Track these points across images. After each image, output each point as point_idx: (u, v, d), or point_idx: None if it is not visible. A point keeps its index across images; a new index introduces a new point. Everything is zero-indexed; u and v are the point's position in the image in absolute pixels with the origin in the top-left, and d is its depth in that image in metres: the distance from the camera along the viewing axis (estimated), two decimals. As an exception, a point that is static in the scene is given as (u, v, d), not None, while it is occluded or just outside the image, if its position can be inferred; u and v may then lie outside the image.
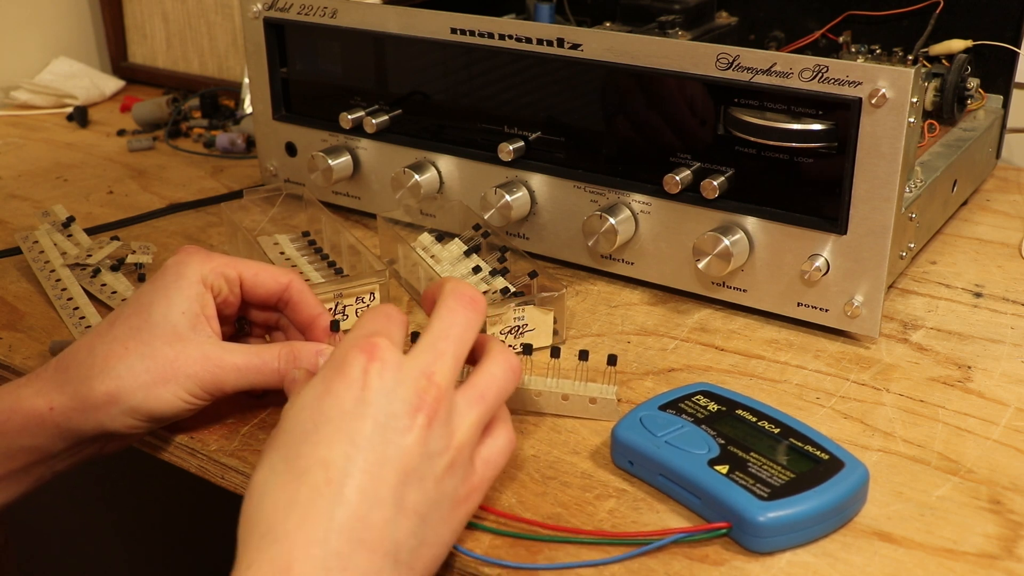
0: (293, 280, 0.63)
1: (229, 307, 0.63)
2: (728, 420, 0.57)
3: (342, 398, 0.47)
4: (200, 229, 0.91)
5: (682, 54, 0.70)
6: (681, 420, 0.57)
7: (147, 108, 1.19)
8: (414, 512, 0.46)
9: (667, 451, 0.55)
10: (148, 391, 0.56)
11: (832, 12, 0.97)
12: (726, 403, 0.59)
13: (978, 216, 0.90)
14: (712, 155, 0.72)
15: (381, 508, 0.45)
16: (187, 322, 0.58)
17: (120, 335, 0.58)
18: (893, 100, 0.63)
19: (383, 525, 0.45)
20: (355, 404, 0.47)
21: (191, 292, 0.59)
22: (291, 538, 0.44)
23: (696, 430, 0.56)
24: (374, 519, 0.45)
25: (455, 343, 0.50)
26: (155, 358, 0.57)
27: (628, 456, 0.57)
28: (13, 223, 0.93)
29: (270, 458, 0.47)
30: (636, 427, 0.57)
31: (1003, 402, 0.63)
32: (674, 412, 0.58)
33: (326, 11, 0.85)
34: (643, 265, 0.77)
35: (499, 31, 0.77)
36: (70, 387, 0.57)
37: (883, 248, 0.66)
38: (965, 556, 0.51)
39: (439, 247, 0.75)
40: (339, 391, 0.47)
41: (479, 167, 0.82)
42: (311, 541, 0.44)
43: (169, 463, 0.63)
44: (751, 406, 0.58)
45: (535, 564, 0.51)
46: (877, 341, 0.70)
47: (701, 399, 0.59)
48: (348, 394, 0.47)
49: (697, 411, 0.58)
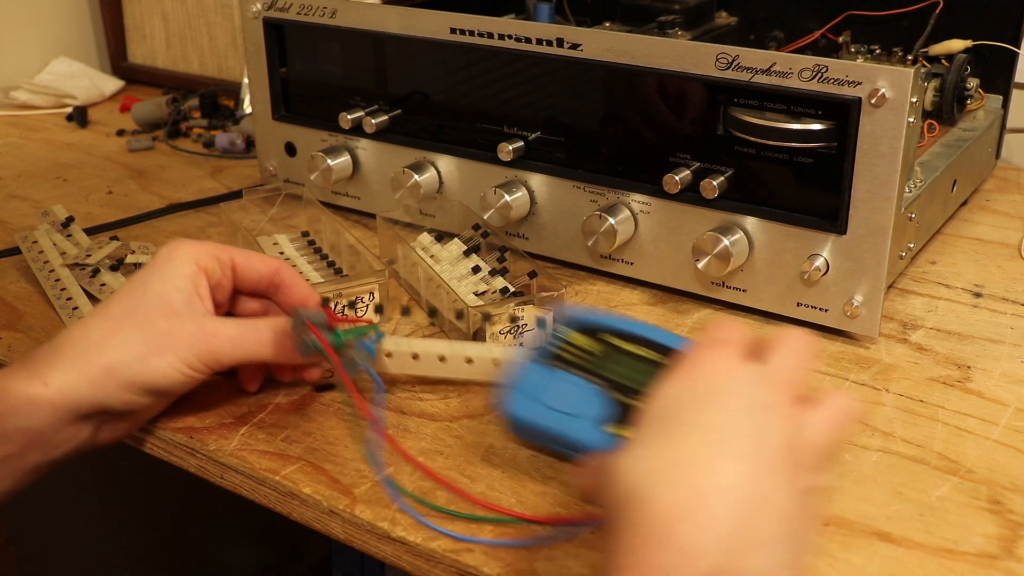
0: (283, 264, 0.65)
1: (222, 291, 0.63)
2: (607, 358, 0.55)
3: (708, 382, 0.45)
4: (200, 229, 0.91)
5: (682, 54, 0.70)
6: (560, 374, 0.54)
7: (147, 108, 1.19)
8: (796, 490, 0.42)
9: (556, 420, 0.53)
10: (145, 362, 0.57)
11: (832, 12, 0.97)
12: (597, 332, 0.56)
13: (978, 216, 0.90)
14: (712, 155, 0.72)
15: (771, 472, 0.42)
16: (182, 298, 0.60)
17: (115, 314, 0.59)
18: (893, 100, 0.63)
19: (776, 489, 0.41)
20: (722, 386, 0.44)
21: (185, 271, 0.61)
22: (680, 491, 0.40)
23: (579, 384, 0.54)
24: (768, 481, 0.41)
25: (801, 362, 0.48)
26: (151, 330, 0.58)
27: (521, 433, 0.55)
28: (13, 223, 0.93)
29: (640, 440, 0.44)
30: (520, 399, 0.54)
31: (1003, 402, 0.63)
32: (555, 365, 0.55)
33: (326, 11, 0.85)
34: (643, 265, 0.77)
35: (499, 31, 0.77)
36: (65, 363, 0.57)
37: (883, 248, 0.66)
38: (965, 556, 0.51)
39: (439, 247, 0.75)
40: (703, 377, 0.45)
41: (479, 167, 0.82)
42: (707, 490, 0.40)
43: (169, 463, 0.63)
44: (621, 328, 0.56)
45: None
46: (877, 341, 0.70)
47: (574, 337, 0.56)
48: (714, 380, 0.45)
49: (572, 354, 0.55)
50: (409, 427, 0.61)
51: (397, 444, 0.59)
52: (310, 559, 1.65)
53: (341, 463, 0.58)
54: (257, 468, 0.58)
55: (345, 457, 0.58)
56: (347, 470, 0.57)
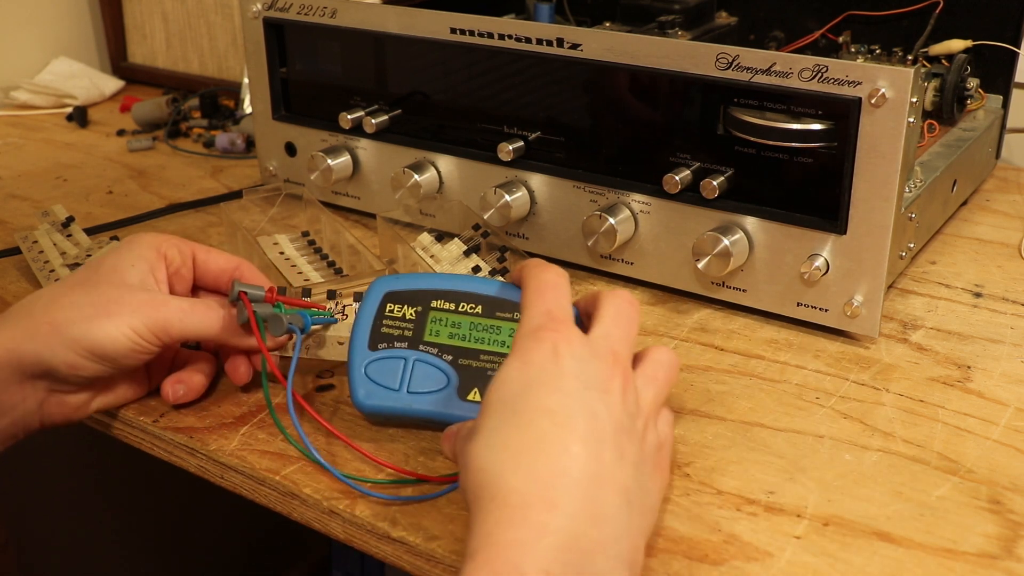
0: (243, 262, 0.65)
1: (181, 281, 0.64)
2: (438, 326, 0.56)
3: (542, 366, 0.48)
4: (200, 229, 0.91)
5: (682, 54, 0.70)
6: (400, 353, 0.56)
7: (147, 108, 1.19)
8: (631, 462, 0.47)
9: (417, 402, 0.55)
10: (91, 322, 0.57)
11: (832, 12, 0.97)
12: (417, 301, 0.57)
13: (978, 216, 0.90)
14: (712, 155, 0.72)
15: (606, 449, 0.46)
16: (136, 275, 0.60)
17: (67, 283, 0.60)
18: (893, 100, 0.63)
19: (613, 464, 0.46)
20: (556, 369, 0.48)
21: (143, 253, 0.61)
22: (529, 475, 0.44)
23: (422, 359, 0.56)
24: (605, 458, 0.45)
25: (627, 329, 0.52)
26: (101, 296, 0.58)
27: (383, 418, 0.57)
28: (13, 223, 0.93)
29: (486, 426, 0.47)
30: (372, 389, 0.56)
31: (1003, 402, 0.63)
32: (386, 345, 0.57)
33: (326, 11, 0.85)
34: (643, 265, 0.77)
35: (499, 31, 0.77)
36: (12, 321, 0.58)
37: (883, 248, 0.66)
38: (965, 556, 0.51)
39: (439, 247, 0.75)
40: (537, 361, 0.48)
41: (479, 167, 0.82)
42: (553, 473, 0.44)
43: (169, 463, 0.63)
44: (439, 288, 0.57)
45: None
46: (877, 341, 0.70)
47: (395, 309, 0.57)
48: (547, 363, 0.48)
49: (403, 328, 0.57)
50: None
51: (307, 405, 0.59)
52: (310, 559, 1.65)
53: (341, 463, 0.58)
54: (257, 468, 0.58)
55: (345, 457, 0.58)
56: (347, 470, 0.57)
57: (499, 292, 0.57)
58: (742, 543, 0.52)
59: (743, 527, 0.53)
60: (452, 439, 0.53)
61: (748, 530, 0.52)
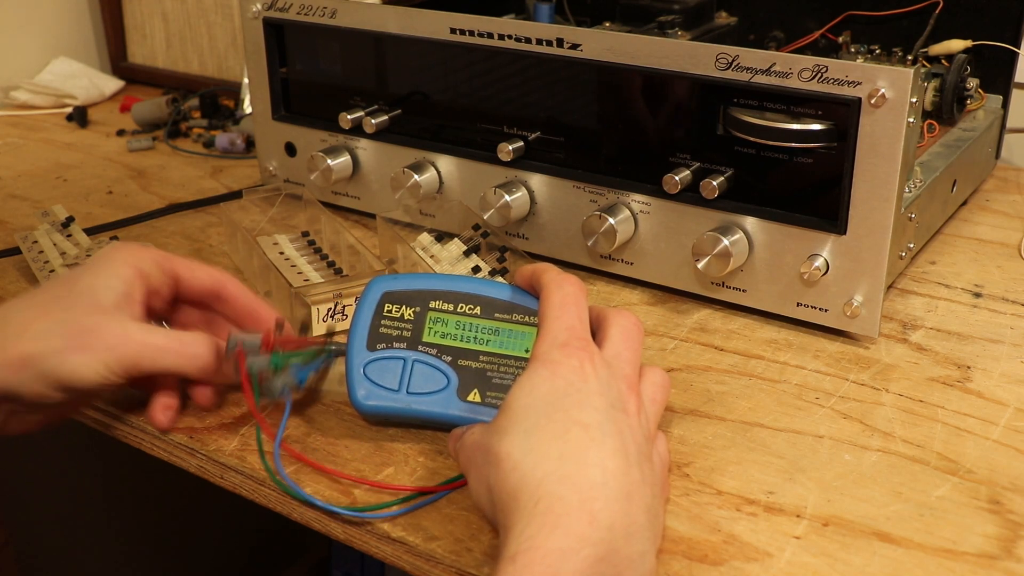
0: (229, 278, 0.63)
1: (159, 299, 0.62)
2: (436, 326, 0.56)
3: (570, 380, 0.49)
4: (199, 229, 0.91)
5: (682, 54, 0.70)
6: (398, 353, 0.55)
7: (147, 108, 1.19)
8: (649, 482, 0.48)
9: (416, 403, 0.55)
10: (62, 357, 0.55)
11: (832, 12, 0.97)
12: (415, 302, 0.57)
13: (978, 216, 0.90)
14: (711, 155, 0.72)
15: (633, 467, 0.47)
16: (112, 297, 0.58)
17: (39, 301, 0.58)
18: (892, 100, 0.63)
19: (639, 483, 0.47)
20: (585, 386, 0.49)
21: (120, 271, 0.59)
22: (573, 485, 0.45)
23: (421, 360, 0.56)
24: (633, 475, 0.47)
25: (636, 351, 0.54)
26: (73, 324, 0.56)
27: (382, 419, 0.56)
28: (13, 223, 0.93)
29: (518, 427, 0.48)
30: (372, 390, 0.56)
31: (1002, 402, 0.63)
32: (385, 345, 0.56)
33: (326, 11, 0.85)
34: (642, 265, 0.77)
35: (499, 31, 0.77)
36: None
37: (882, 248, 0.66)
38: (964, 556, 0.51)
39: (439, 247, 0.75)
40: (565, 374, 0.49)
41: (479, 167, 0.82)
42: (593, 485, 0.45)
43: (169, 463, 0.63)
44: (437, 289, 0.57)
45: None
46: (876, 341, 0.70)
47: (393, 310, 0.57)
48: (575, 378, 0.49)
49: (402, 329, 0.56)
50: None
51: (305, 457, 0.58)
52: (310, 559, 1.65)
53: (341, 463, 0.58)
54: (257, 468, 0.58)
55: (345, 457, 0.58)
56: (347, 470, 0.57)
57: (497, 293, 0.57)
58: (742, 543, 0.52)
59: (743, 527, 0.53)
60: (458, 441, 0.54)
61: (748, 530, 0.52)
